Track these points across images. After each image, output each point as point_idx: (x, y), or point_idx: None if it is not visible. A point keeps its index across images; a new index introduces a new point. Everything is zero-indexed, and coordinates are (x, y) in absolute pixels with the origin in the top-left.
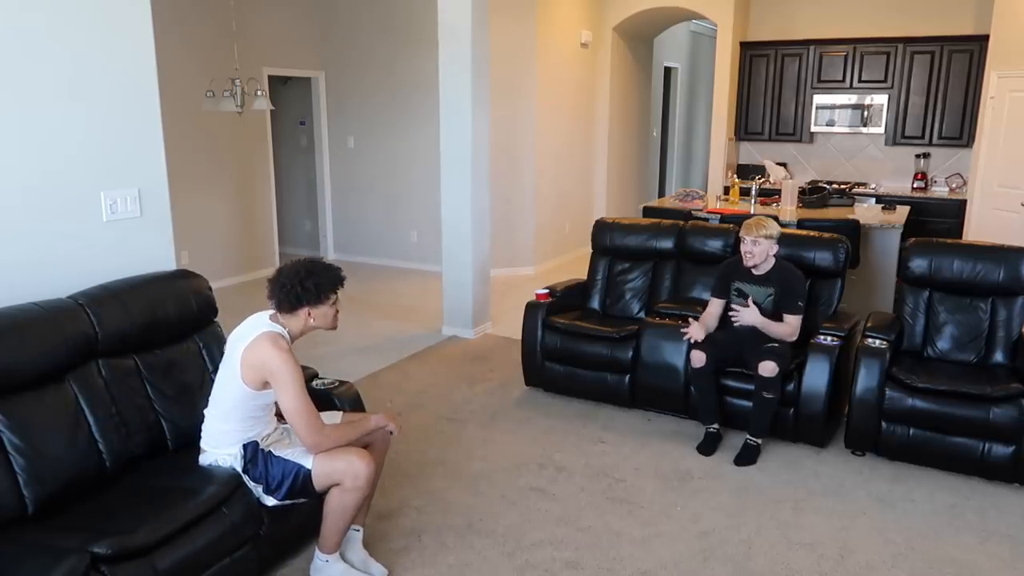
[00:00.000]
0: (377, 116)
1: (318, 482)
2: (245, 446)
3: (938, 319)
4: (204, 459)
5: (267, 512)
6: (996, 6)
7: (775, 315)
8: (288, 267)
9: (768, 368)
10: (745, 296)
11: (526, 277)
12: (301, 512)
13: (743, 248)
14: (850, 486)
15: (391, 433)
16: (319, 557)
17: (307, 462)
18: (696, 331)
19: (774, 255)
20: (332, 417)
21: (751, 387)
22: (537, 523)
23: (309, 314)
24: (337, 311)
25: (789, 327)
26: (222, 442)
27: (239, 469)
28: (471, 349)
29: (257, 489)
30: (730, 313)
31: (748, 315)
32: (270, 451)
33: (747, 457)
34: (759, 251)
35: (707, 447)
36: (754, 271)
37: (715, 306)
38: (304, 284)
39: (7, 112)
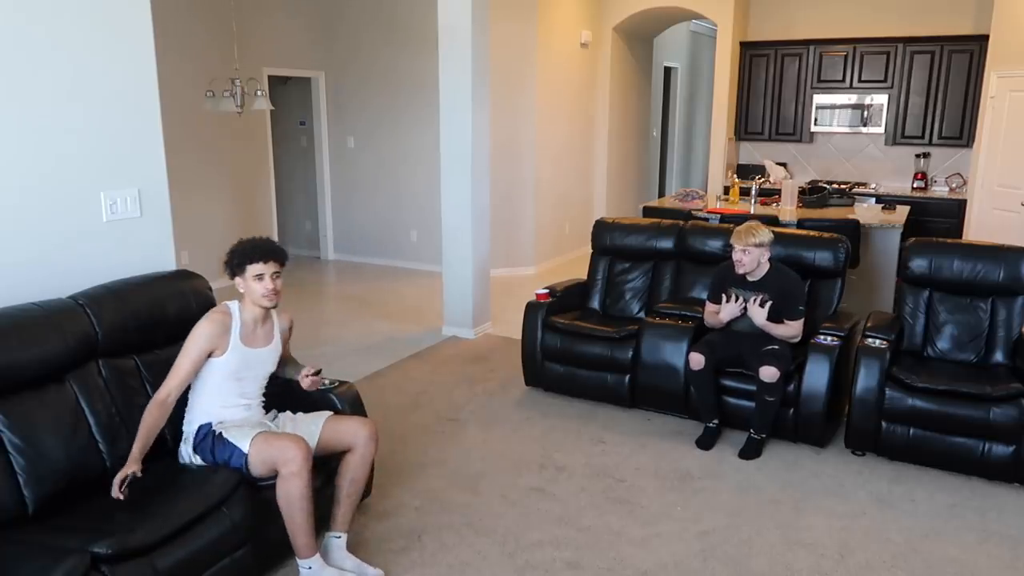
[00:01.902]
0: (377, 116)
1: (254, 468)
2: (200, 426)
3: (938, 319)
4: (183, 444)
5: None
6: (996, 6)
7: (775, 320)
8: None
9: (769, 374)
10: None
11: (526, 277)
12: None
13: (733, 256)
14: (850, 486)
15: None
16: (301, 565)
17: (244, 445)
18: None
19: (768, 260)
20: (318, 418)
21: (751, 387)
22: (537, 523)
23: (240, 285)
24: (272, 287)
25: (792, 329)
26: (192, 419)
27: (191, 447)
28: (471, 349)
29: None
30: (738, 302)
31: (755, 315)
32: (220, 433)
33: (751, 450)
34: (749, 260)
35: (706, 441)
36: (749, 277)
37: (712, 310)
38: (230, 256)
39: (7, 112)
